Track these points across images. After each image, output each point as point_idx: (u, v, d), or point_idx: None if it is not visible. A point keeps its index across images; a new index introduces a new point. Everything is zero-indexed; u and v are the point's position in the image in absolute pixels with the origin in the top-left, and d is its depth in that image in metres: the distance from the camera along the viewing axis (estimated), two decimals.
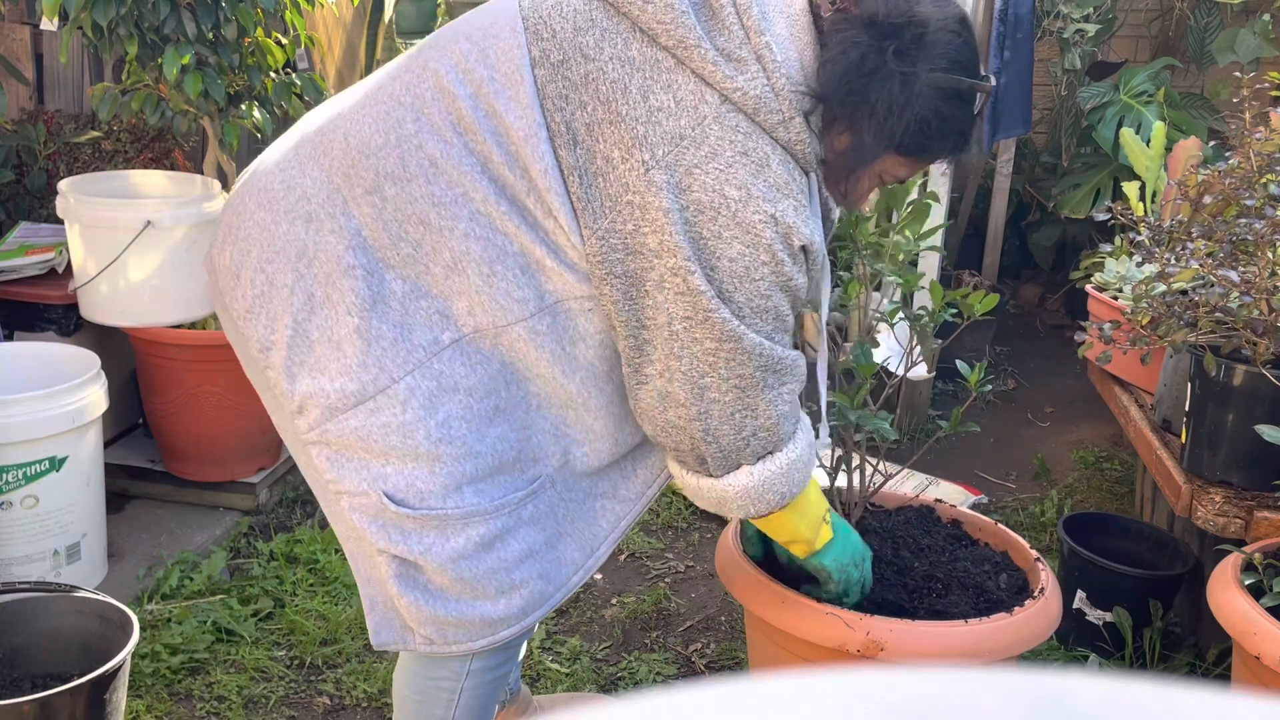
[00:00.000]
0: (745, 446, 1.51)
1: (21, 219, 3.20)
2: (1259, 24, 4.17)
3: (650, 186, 1.38)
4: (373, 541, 1.50)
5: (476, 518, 1.49)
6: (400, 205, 1.43)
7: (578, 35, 1.42)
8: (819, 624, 1.70)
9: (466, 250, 1.43)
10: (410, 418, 1.44)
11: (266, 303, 1.48)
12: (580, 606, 2.56)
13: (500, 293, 1.44)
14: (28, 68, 3.42)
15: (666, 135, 1.38)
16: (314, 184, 1.47)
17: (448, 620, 1.53)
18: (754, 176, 1.39)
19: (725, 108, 1.39)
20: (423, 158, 1.43)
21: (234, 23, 2.68)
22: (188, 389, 2.75)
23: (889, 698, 0.33)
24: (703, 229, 1.39)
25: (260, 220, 1.49)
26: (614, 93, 1.39)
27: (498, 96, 1.41)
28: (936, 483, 3.12)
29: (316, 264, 1.45)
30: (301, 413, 1.48)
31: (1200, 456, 2.17)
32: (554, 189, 1.40)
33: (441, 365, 1.45)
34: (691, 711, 0.33)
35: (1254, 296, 1.85)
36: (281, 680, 2.26)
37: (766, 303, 1.44)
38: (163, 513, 2.81)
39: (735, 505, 1.55)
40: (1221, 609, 1.79)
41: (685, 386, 1.46)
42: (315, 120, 1.55)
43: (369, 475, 1.47)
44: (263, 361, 1.50)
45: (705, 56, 1.38)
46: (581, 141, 1.40)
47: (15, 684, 2.01)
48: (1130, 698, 0.32)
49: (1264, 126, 2.20)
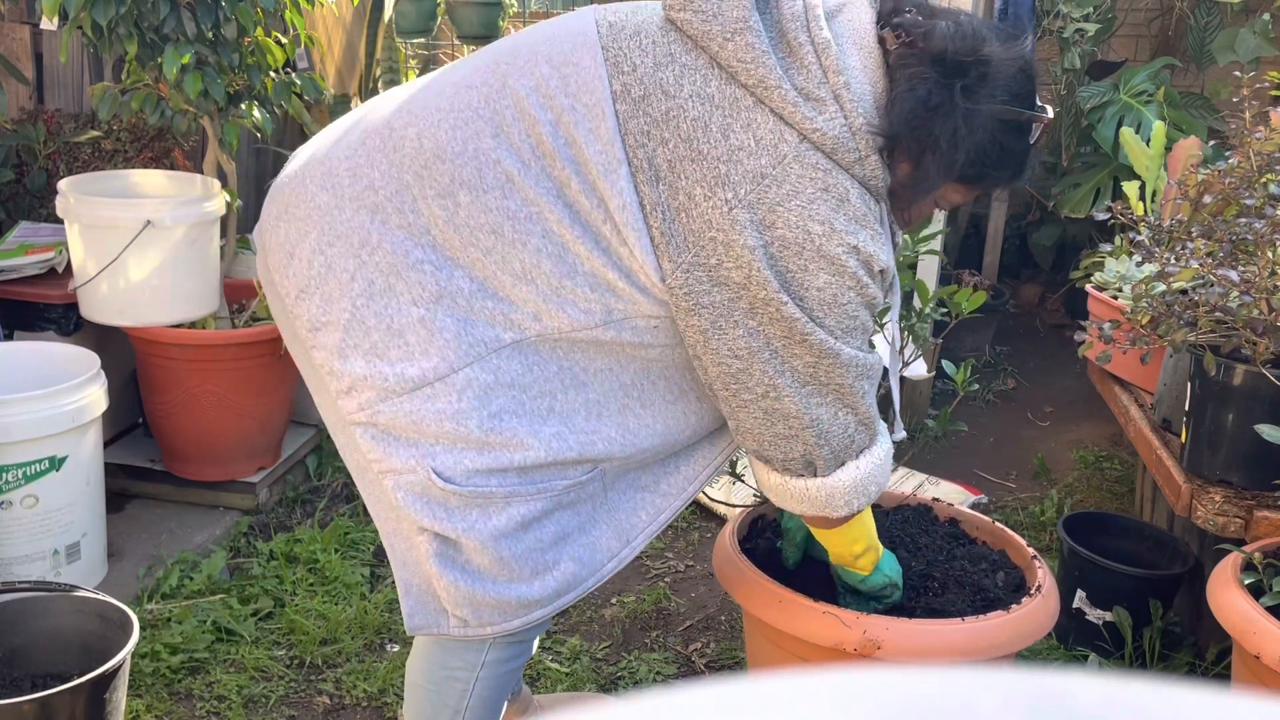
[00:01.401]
0: (851, 444, 1.58)
1: (21, 219, 3.20)
2: (1259, 24, 4.16)
3: (734, 225, 1.41)
4: (415, 519, 1.52)
5: (519, 498, 1.52)
6: (474, 214, 1.45)
7: (658, 70, 1.45)
8: (816, 623, 1.70)
9: (538, 264, 1.46)
10: (465, 406, 1.47)
11: (323, 284, 1.50)
12: (580, 606, 2.56)
13: (568, 304, 1.48)
14: (28, 67, 3.42)
15: (748, 174, 1.41)
16: (382, 177, 1.49)
17: (485, 600, 1.55)
18: (835, 211, 1.43)
19: (804, 146, 1.42)
20: (500, 173, 1.45)
21: (234, 22, 2.68)
22: (188, 389, 2.75)
23: (888, 698, 0.33)
24: (789, 263, 1.44)
25: (322, 203, 1.51)
26: (695, 130, 1.42)
27: (578, 127, 1.44)
28: (936, 482, 3.12)
29: (380, 253, 1.47)
30: (350, 393, 1.50)
31: (1200, 456, 2.17)
32: (631, 223, 1.43)
33: (500, 361, 1.48)
34: (691, 711, 0.33)
35: (1254, 296, 1.85)
36: (281, 680, 2.26)
37: (854, 322, 1.50)
38: (163, 512, 2.81)
39: (843, 500, 1.61)
40: (1221, 608, 1.79)
41: (794, 400, 1.51)
42: (381, 112, 1.55)
43: (417, 453, 1.49)
44: (311, 340, 1.52)
45: (785, 97, 1.41)
46: (663, 178, 1.43)
47: (15, 684, 2.01)
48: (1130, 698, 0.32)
49: (1264, 126, 2.20)
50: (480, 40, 4.75)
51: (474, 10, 4.54)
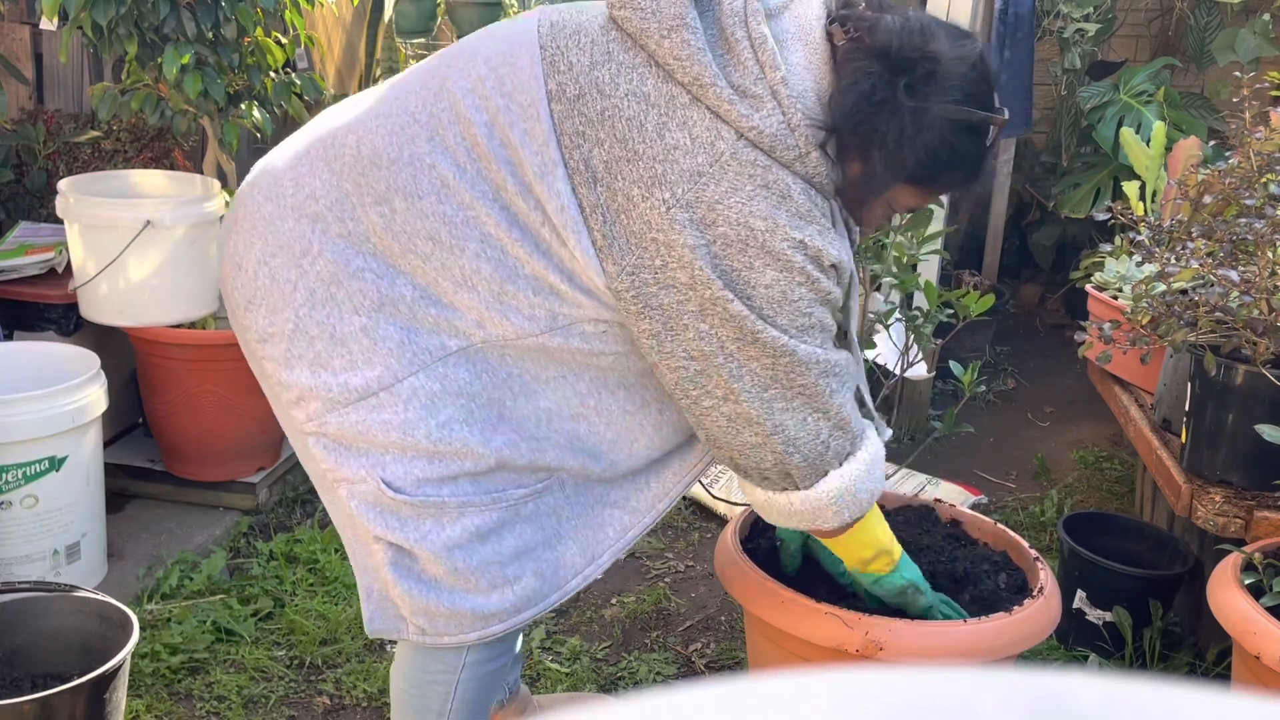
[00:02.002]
0: (827, 450, 1.52)
1: (21, 219, 3.20)
2: (1259, 24, 4.17)
3: (673, 225, 1.38)
4: (369, 528, 1.51)
5: (472, 508, 1.50)
6: (410, 220, 1.44)
7: (594, 69, 1.42)
8: (818, 624, 1.70)
9: (477, 269, 1.43)
10: (411, 416, 1.46)
11: (268, 295, 1.49)
12: (580, 606, 2.56)
13: (511, 310, 1.45)
14: (28, 67, 3.42)
15: (685, 173, 1.38)
16: (323, 185, 1.48)
17: (440, 611, 1.54)
18: (776, 208, 1.40)
19: (741, 144, 1.39)
20: (435, 177, 1.43)
21: (234, 22, 2.68)
22: (188, 389, 2.75)
23: (889, 698, 0.33)
24: (733, 261, 1.40)
25: (266, 213, 1.51)
26: (630, 130, 1.39)
27: (513, 128, 1.42)
28: (936, 483, 3.12)
29: (320, 262, 1.46)
30: (299, 404, 1.50)
31: (1200, 456, 2.17)
32: (570, 226, 1.41)
33: (447, 369, 1.46)
34: (691, 711, 0.33)
35: (1254, 296, 1.85)
36: (281, 680, 2.26)
37: (809, 319, 1.45)
38: (163, 513, 2.81)
39: (832, 512, 1.55)
40: (1221, 609, 1.79)
41: (754, 404, 1.46)
42: (329, 122, 1.55)
43: (367, 462, 1.48)
44: (259, 352, 1.53)
45: (720, 95, 1.38)
46: (601, 179, 1.40)
47: (15, 684, 2.01)
48: (1130, 698, 0.32)
49: (1264, 126, 2.20)
50: None
51: (474, 10, 4.54)
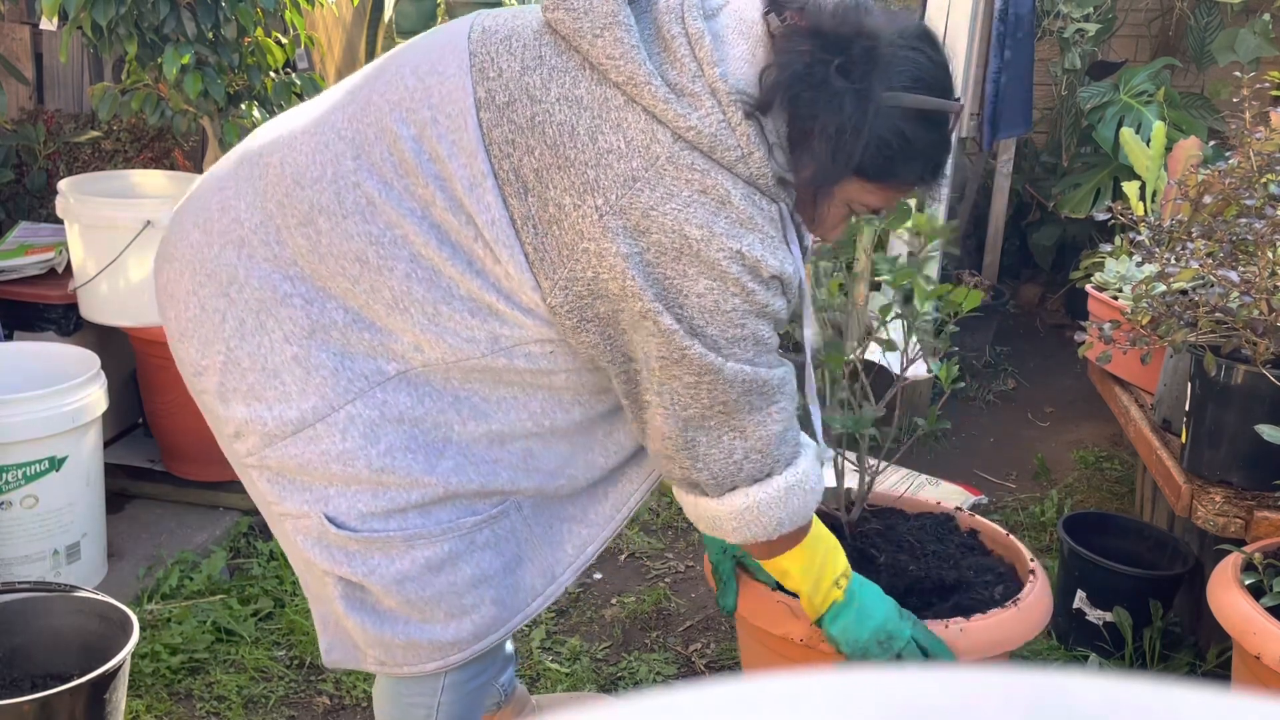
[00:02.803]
0: (739, 470, 1.46)
1: (21, 219, 3.20)
2: (1259, 24, 4.17)
3: (605, 232, 1.32)
4: (318, 564, 1.47)
5: (422, 540, 1.45)
6: (335, 241, 1.37)
7: (524, 75, 1.35)
8: (771, 611, 1.72)
9: (408, 291, 1.37)
10: (350, 446, 1.40)
11: (199, 327, 1.44)
12: (580, 606, 2.56)
13: (448, 333, 1.38)
14: (28, 67, 3.42)
15: (619, 178, 1.31)
16: (248, 208, 1.42)
17: (395, 642, 1.50)
18: (714, 215, 1.32)
19: (679, 146, 1.32)
20: (360, 195, 1.37)
21: (234, 22, 2.68)
22: (187, 389, 2.75)
23: (889, 698, 0.33)
24: (665, 269, 1.33)
25: (194, 241, 1.45)
26: (561, 135, 1.32)
27: (441, 140, 1.35)
28: (936, 482, 3.12)
29: (248, 290, 1.40)
30: (239, 437, 1.45)
31: (1200, 456, 2.17)
32: (501, 239, 1.34)
33: (385, 395, 1.40)
34: (691, 711, 0.33)
35: (1254, 296, 1.85)
36: (281, 680, 2.26)
37: (742, 331, 1.38)
38: (163, 513, 2.81)
39: (730, 527, 1.51)
40: (1221, 609, 1.79)
41: (670, 419, 1.42)
42: (258, 139, 1.50)
43: (310, 497, 1.43)
44: (196, 385, 1.48)
45: (656, 94, 1.31)
46: (532, 189, 1.33)
47: (15, 684, 2.01)
48: (1130, 698, 0.32)
49: (1264, 126, 2.20)
50: None
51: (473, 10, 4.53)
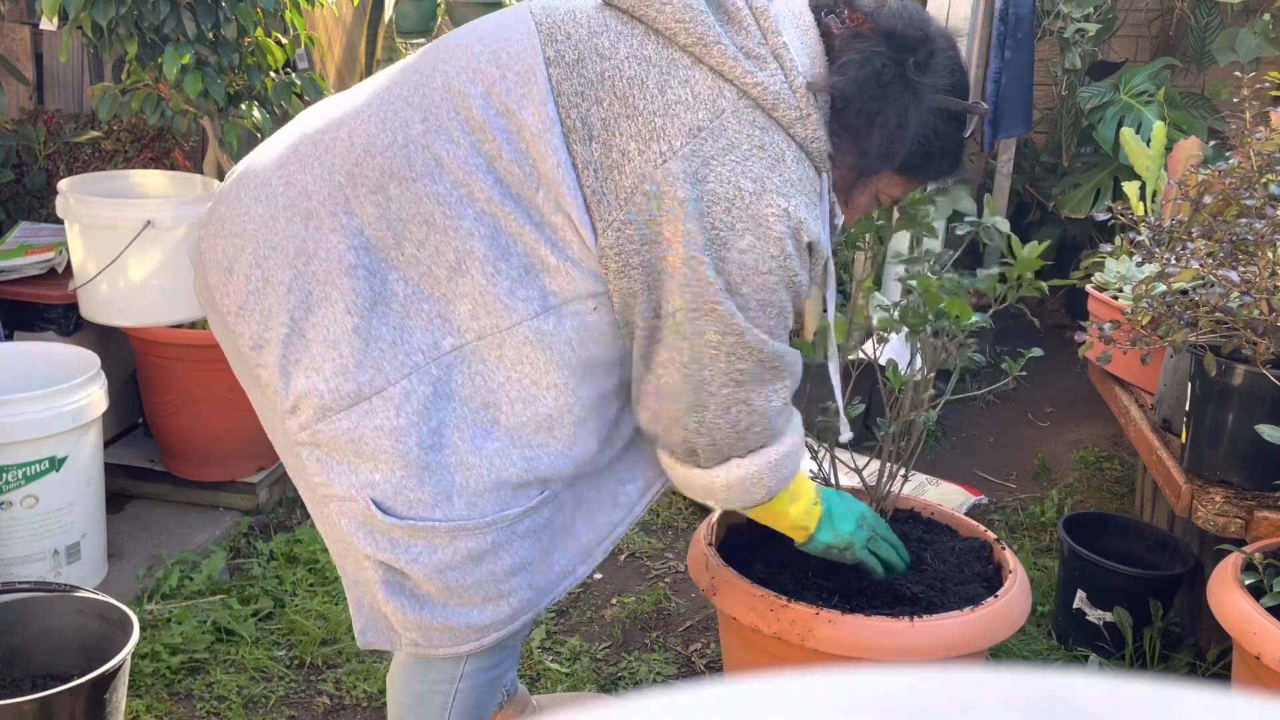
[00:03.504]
0: (739, 440, 1.52)
1: (21, 219, 3.20)
2: (1259, 24, 4.17)
3: (667, 177, 1.39)
4: (360, 548, 1.48)
5: (465, 531, 1.47)
6: (404, 204, 1.42)
7: (592, 37, 1.44)
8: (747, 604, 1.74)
9: (470, 249, 1.42)
10: (403, 422, 1.43)
11: (261, 299, 1.46)
12: (580, 606, 2.56)
13: (504, 291, 1.43)
14: (28, 68, 3.42)
15: (684, 127, 1.40)
16: (315, 181, 1.46)
17: (433, 626, 1.53)
18: (769, 170, 1.41)
19: (743, 102, 1.41)
20: (429, 157, 1.42)
21: (234, 22, 2.68)
22: (188, 389, 2.75)
23: (889, 698, 0.33)
24: (716, 219, 1.40)
25: (257, 216, 1.48)
26: (630, 88, 1.41)
27: (510, 94, 1.42)
28: (936, 483, 3.12)
29: (316, 261, 1.44)
30: (294, 412, 1.46)
31: (1200, 456, 2.17)
32: (566, 182, 1.40)
33: (440, 371, 1.44)
34: (691, 711, 0.33)
35: (1254, 296, 1.85)
36: (281, 680, 2.26)
37: (772, 296, 1.45)
38: (163, 513, 2.81)
39: (722, 497, 1.57)
40: (1221, 609, 1.79)
41: (684, 378, 1.46)
42: (315, 119, 1.54)
43: (357, 481, 1.45)
44: (254, 360, 1.49)
45: (725, 52, 1.41)
46: (597, 136, 1.41)
47: (15, 684, 2.01)
48: (1130, 698, 0.32)
49: (1264, 126, 2.20)
50: None
51: (474, 11, 4.54)
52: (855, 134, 1.48)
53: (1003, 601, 1.77)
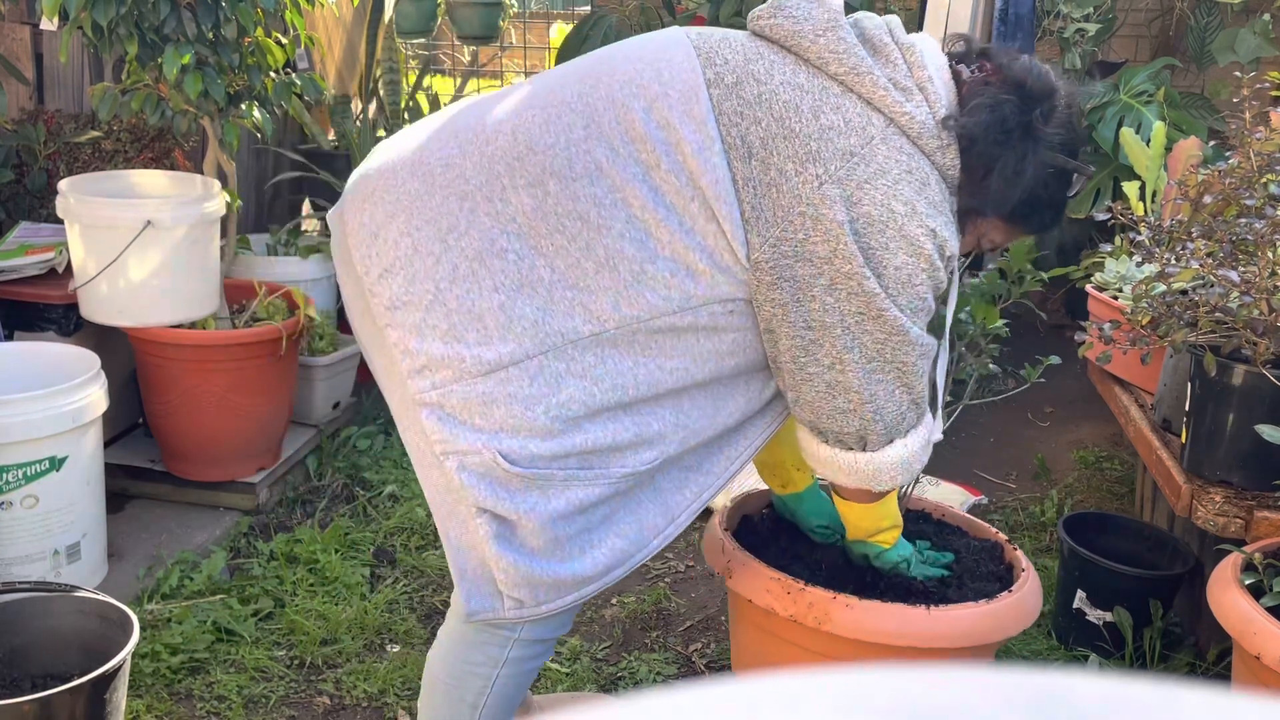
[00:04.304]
0: (902, 420, 1.64)
1: (21, 219, 3.20)
2: (1259, 24, 4.17)
3: (824, 199, 1.49)
4: (476, 500, 1.55)
5: (578, 482, 1.57)
6: (562, 201, 1.52)
7: (748, 63, 1.55)
8: (762, 586, 1.77)
9: (620, 249, 1.52)
10: (535, 392, 1.52)
11: (408, 265, 1.55)
12: (580, 606, 2.56)
13: (648, 289, 1.53)
14: (28, 68, 3.42)
15: (838, 151, 1.50)
16: (474, 167, 1.55)
17: (542, 579, 1.59)
18: (917, 194, 1.52)
19: (891, 130, 1.53)
20: (589, 161, 1.52)
21: (234, 22, 2.68)
22: (188, 389, 2.75)
23: (889, 697, 0.33)
24: (871, 240, 1.51)
25: (412, 189, 1.57)
26: (787, 111, 1.51)
27: (672, 110, 1.52)
28: (936, 483, 3.12)
29: (467, 239, 1.53)
30: (422, 372, 1.55)
31: (1200, 456, 2.17)
32: (724, 198, 1.50)
33: (576, 352, 1.53)
34: (691, 711, 0.33)
35: (1254, 296, 1.85)
36: (281, 680, 2.26)
37: (923, 303, 1.57)
38: (163, 513, 2.81)
39: (889, 475, 1.68)
40: (1221, 609, 1.79)
41: (858, 374, 1.58)
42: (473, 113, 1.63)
43: (484, 436, 1.54)
44: (387, 319, 1.58)
45: (876, 82, 1.52)
46: (756, 154, 1.51)
47: (15, 684, 2.01)
48: (1130, 698, 0.32)
49: (1264, 126, 2.20)
50: (480, 41, 4.75)
51: (474, 11, 4.54)
52: (974, 175, 1.58)
53: (1017, 596, 1.78)
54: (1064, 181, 1.65)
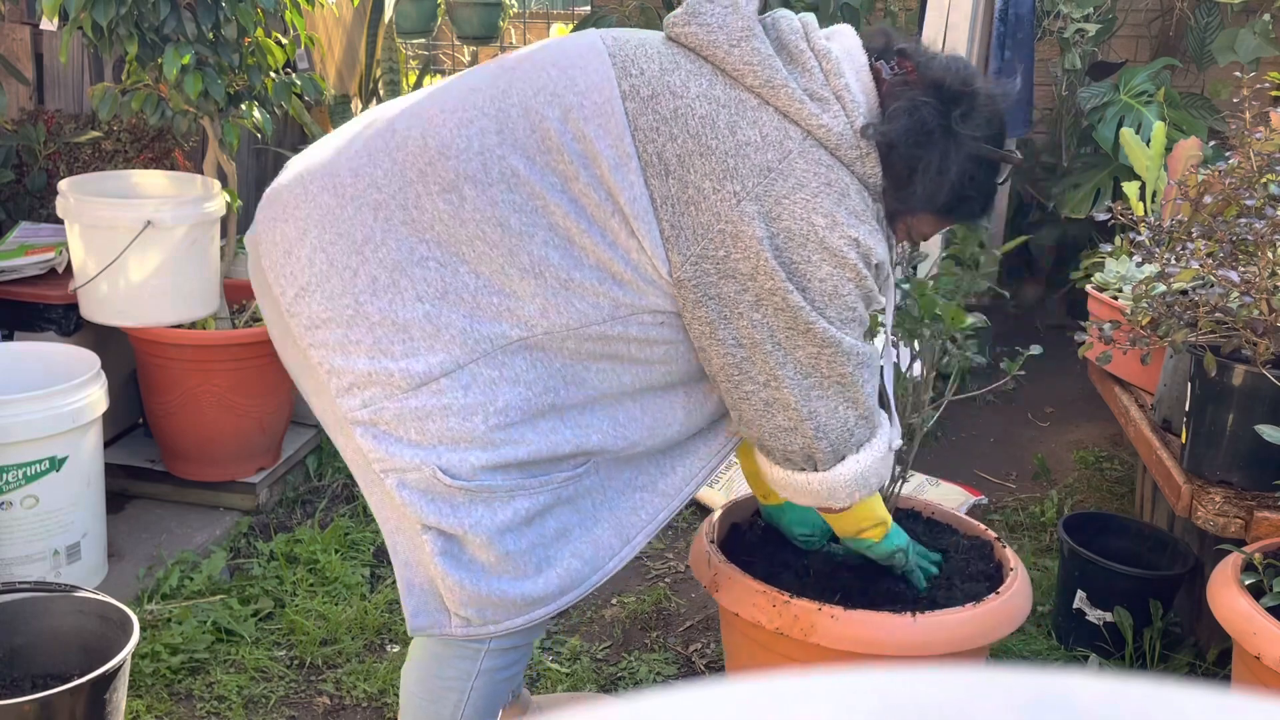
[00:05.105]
0: (850, 437, 1.61)
1: (21, 219, 3.20)
2: (1259, 24, 4.17)
3: (743, 216, 1.47)
4: (420, 517, 1.52)
5: (523, 491, 1.54)
6: (481, 207, 1.48)
7: (664, 74, 1.51)
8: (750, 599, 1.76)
9: (545, 257, 1.49)
10: (471, 402, 1.49)
11: (324, 282, 1.51)
12: (580, 606, 2.56)
13: (575, 297, 1.50)
14: (28, 68, 3.42)
15: (755, 168, 1.48)
16: (385, 175, 1.51)
17: (489, 598, 1.56)
18: (837, 205, 1.50)
19: (808, 143, 1.50)
20: (505, 168, 1.49)
21: (234, 23, 2.68)
22: (188, 389, 2.75)
23: (889, 698, 0.33)
24: (793, 254, 1.49)
25: (324, 203, 1.53)
26: (703, 127, 1.48)
27: (587, 123, 1.49)
28: (936, 483, 3.12)
29: (384, 250, 1.49)
30: (351, 391, 1.51)
31: (1200, 456, 2.17)
32: (641, 216, 1.48)
33: (506, 357, 1.50)
34: (691, 711, 0.33)
35: (1254, 296, 1.85)
36: (281, 680, 2.26)
37: (853, 313, 1.55)
38: (163, 513, 2.81)
39: (845, 493, 1.64)
40: (1221, 609, 1.79)
41: (793, 390, 1.55)
42: (383, 117, 1.58)
43: (422, 451, 1.50)
44: (309, 339, 1.53)
45: (791, 95, 1.49)
46: (673, 172, 1.48)
47: (15, 684, 2.01)
48: (1130, 698, 0.32)
49: (1264, 126, 2.20)
50: (480, 41, 4.75)
51: (474, 11, 4.54)
52: (898, 178, 1.56)
53: (1004, 598, 1.77)
54: (992, 170, 1.63)
